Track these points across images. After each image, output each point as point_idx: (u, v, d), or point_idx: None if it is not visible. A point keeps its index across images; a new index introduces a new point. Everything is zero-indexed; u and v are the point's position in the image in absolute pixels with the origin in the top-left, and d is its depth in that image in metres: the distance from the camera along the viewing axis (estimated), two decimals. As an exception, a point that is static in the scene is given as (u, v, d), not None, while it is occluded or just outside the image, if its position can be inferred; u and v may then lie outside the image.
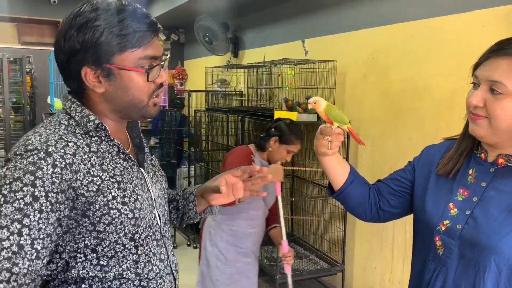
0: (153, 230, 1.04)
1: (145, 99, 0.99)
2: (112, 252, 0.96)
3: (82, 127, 0.96)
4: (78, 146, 0.92)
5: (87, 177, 0.90)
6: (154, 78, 0.98)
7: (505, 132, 0.95)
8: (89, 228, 0.92)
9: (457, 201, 1.04)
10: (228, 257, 2.28)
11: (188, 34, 6.38)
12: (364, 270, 3.04)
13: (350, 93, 3.16)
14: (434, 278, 1.03)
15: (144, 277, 1.01)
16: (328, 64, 3.19)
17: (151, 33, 0.96)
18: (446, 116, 2.41)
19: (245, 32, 4.72)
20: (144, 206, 1.00)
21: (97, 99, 0.99)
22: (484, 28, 2.18)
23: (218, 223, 2.31)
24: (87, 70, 0.94)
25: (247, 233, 2.32)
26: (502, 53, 0.93)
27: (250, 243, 2.34)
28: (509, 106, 0.92)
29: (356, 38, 3.07)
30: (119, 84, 0.96)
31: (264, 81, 4.10)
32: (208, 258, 2.30)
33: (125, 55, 0.94)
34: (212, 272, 2.27)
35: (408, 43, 2.65)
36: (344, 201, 1.22)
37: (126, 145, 1.06)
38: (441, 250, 1.03)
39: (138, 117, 1.04)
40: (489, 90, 0.94)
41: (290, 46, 3.85)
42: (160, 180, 1.14)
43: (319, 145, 1.13)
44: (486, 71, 0.95)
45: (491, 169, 1.01)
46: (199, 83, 5.27)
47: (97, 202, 0.91)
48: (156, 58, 0.98)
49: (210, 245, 2.30)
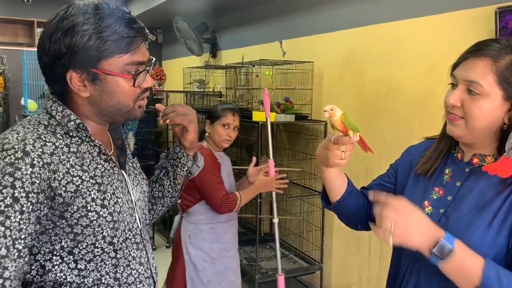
0: (133, 233, 1.04)
1: (130, 104, 0.99)
2: (90, 256, 0.95)
3: (63, 127, 0.95)
4: (57, 146, 0.92)
5: (66, 177, 0.90)
6: (140, 83, 0.98)
7: (480, 132, 0.97)
8: (66, 229, 0.91)
9: (432, 199, 1.06)
10: (212, 255, 2.27)
11: (166, 34, 6.33)
12: (342, 268, 3.07)
13: (326, 93, 3.20)
14: (408, 275, 1.05)
15: (123, 281, 1.01)
16: (305, 65, 3.22)
17: (139, 39, 0.96)
18: (419, 116, 2.46)
19: (223, 33, 4.72)
20: (124, 209, 1.00)
21: (81, 102, 0.98)
22: (455, 30, 2.24)
23: (196, 225, 2.30)
24: (73, 74, 0.93)
25: (226, 226, 2.32)
26: (479, 54, 0.95)
27: (231, 235, 2.34)
28: (485, 106, 0.94)
29: (332, 39, 3.11)
30: (104, 88, 0.95)
31: (243, 82, 4.10)
32: (193, 262, 2.27)
33: (112, 60, 0.93)
34: (201, 274, 2.25)
35: (382, 44, 2.70)
36: (342, 212, 1.19)
37: (108, 146, 1.06)
38: None
39: (123, 120, 1.04)
40: (466, 90, 0.96)
41: (268, 47, 3.87)
42: (141, 183, 1.14)
43: (332, 155, 1.03)
44: (463, 71, 0.97)
45: (466, 169, 1.03)
46: (178, 84, 5.24)
47: (75, 204, 0.90)
48: (142, 63, 0.98)
49: (193, 248, 2.28)
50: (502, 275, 0.85)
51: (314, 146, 3.23)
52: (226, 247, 2.32)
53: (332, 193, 1.16)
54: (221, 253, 2.30)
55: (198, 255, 2.26)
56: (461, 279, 0.87)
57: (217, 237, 2.30)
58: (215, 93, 4.70)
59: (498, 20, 1.94)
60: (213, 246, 2.28)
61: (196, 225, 2.30)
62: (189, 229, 2.31)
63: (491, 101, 0.94)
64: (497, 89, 0.94)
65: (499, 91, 0.94)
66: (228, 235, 2.33)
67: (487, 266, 0.86)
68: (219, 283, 2.27)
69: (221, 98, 4.59)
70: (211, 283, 2.25)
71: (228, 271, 2.31)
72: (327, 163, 1.06)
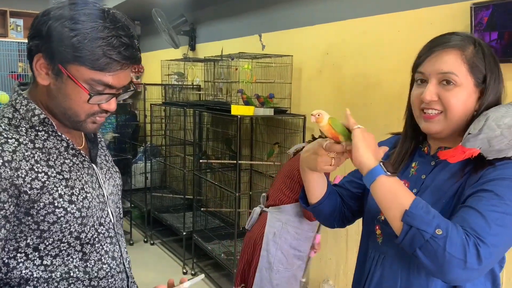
0: (105, 227, 1.02)
1: (81, 116, 0.94)
2: (56, 251, 0.93)
3: (27, 121, 0.92)
4: (20, 142, 0.89)
5: (30, 174, 0.87)
6: (98, 103, 0.94)
7: (458, 123, 0.99)
8: (32, 227, 0.89)
9: None
10: (288, 260, 2.23)
11: (144, 26, 6.23)
12: (320, 261, 3.10)
13: (305, 88, 3.20)
14: (374, 267, 1.07)
15: (94, 276, 0.99)
16: (284, 58, 3.21)
17: (121, 65, 0.91)
18: (397, 111, 2.48)
19: (202, 26, 4.67)
20: (94, 204, 0.97)
21: (43, 90, 0.95)
22: (432, 25, 2.26)
23: (284, 224, 2.23)
24: (41, 58, 0.91)
25: (307, 237, 2.28)
26: (445, 47, 0.98)
27: (307, 247, 2.30)
28: (461, 95, 0.97)
29: (311, 33, 3.11)
30: (62, 89, 0.92)
31: (222, 75, 4.07)
32: (271, 261, 2.20)
33: (81, 68, 0.89)
34: (273, 276, 2.20)
35: (360, 39, 2.71)
36: (320, 212, 1.18)
37: (79, 140, 1.03)
38: (380, 239, 1.07)
39: (71, 128, 0.98)
40: (439, 83, 0.98)
41: (247, 40, 3.85)
42: (114, 176, 1.11)
43: (321, 161, 1.02)
44: (434, 65, 0.98)
45: (432, 162, 1.04)
46: (156, 77, 5.17)
47: (41, 200, 0.88)
48: (113, 87, 0.93)
49: (275, 248, 2.21)
50: (430, 208, 0.88)
51: (293, 140, 3.24)
52: (300, 256, 2.27)
53: (312, 195, 1.15)
54: (294, 260, 2.25)
55: (277, 256, 2.21)
56: (394, 201, 0.88)
57: (297, 244, 2.25)
58: (193, 86, 4.66)
59: (473, 16, 1.96)
60: (290, 251, 2.23)
61: (284, 224, 2.23)
62: (276, 226, 2.24)
63: (466, 90, 0.97)
64: (469, 77, 0.97)
65: (471, 79, 0.98)
66: (306, 246, 2.29)
67: (419, 198, 0.89)
68: None
69: (200, 92, 4.56)
70: (279, 287, 2.21)
71: (294, 279, 2.27)
72: (314, 168, 1.05)
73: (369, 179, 0.92)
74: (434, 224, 0.84)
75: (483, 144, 0.92)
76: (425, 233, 0.83)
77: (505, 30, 1.87)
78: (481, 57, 0.98)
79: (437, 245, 0.82)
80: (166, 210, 4.50)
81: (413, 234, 0.85)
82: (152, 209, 4.40)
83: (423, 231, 0.84)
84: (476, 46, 0.99)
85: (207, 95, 4.35)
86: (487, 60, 0.98)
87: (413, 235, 0.85)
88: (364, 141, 0.93)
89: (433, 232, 0.83)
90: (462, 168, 0.98)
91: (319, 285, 3.10)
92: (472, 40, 1.00)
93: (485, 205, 0.87)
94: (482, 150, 0.93)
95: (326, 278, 3.05)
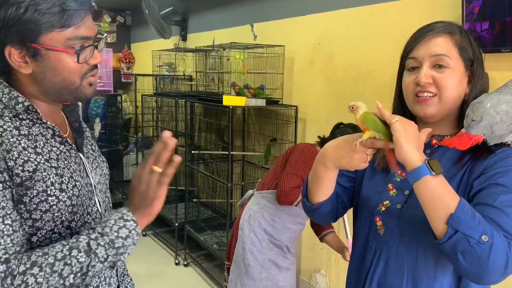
0: (92, 217, 1.01)
1: (76, 81, 0.93)
2: (47, 242, 0.92)
3: (11, 110, 0.90)
4: (5, 129, 0.87)
5: (21, 156, 0.86)
6: (87, 60, 0.93)
7: (451, 106, 1.01)
8: (25, 215, 0.87)
9: (396, 181, 1.07)
10: (263, 244, 2.23)
11: (135, 16, 6.16)
12: (312, 251, 3.12)
13: (297, 78, 3.19)
14: (376, 258, 1.06)
15: None
16: (276, 49, 3.20)
17: (82, 12, 0.90)
18: (389, 101, 2.46)
19: (194, 16, 4.62)
20: (82, 192, 0.96)
21: (25, 81, 0.92)
22: (424, 15, 2.26)
23: (261, 208, 2.25)
24: (11, 49, 0.88)
25: (286, 228, 2.26)
26: (435, 32, 1.01)
27: (286, 238, 2.28)
28: (453, 78, 0.99)
29: (303, 23, 3.09)
30: (47, 65, 0.90)
31: (213, 66, 4.05)
32: (244, 241, 2.25)
33: (53, 34, 0.88)
34: (246, 256, 2.23)
35: (352, 29, 2.70)
36: (318, 214, 1.14)
37: (63, 128, 1.01)
38: (382, 230, 1.06)
39: (72, 100, 0.98)
40: (433, 66, 1.00)
41: (239, 30, 3.82)
42: (101, 166, 1.10)
43: (358, 158, 0.96)
44: (427, 49, 1.00)
45: (427, 151, 1.04)
46: (147, 67, 5.13)
47: (35, 188, 0.87)
48: (89, 38, 0.92)
49: (248, 229, 2.24)
50: (475, 211, 0.86)
51: (285, 130, 3.23)
52: (278, 244, 2.26)
53: (321, 194, 1.10)
54: (269, 245, 2.25)
55: (250, 237, 2.23)
56: (438, 202, 0.86)
57: (272, 232, 2.24)
58: (185, 76, 4.63)
59: (464, 6, 1.96)
60: (265, 237, 2.24)
61: (260, 209, 2.26)
62: (252, 209, 2.28)
63: (457, 72, 1.00)
64: (460, 61, 1.00)
65: (461, 63, 1.00)
66: (284, 237, 2.26)
67: (463, 199, 0.87)
68: (259, 272, 2.23)
69: (191, 82, 4.53)
70: (250, 267, 2.22)
71: (271, 264, 2.26)
72: (346, 165, 0.99)
73: (414, 178, 0.88)
74: (480, 230, 0.83)
75: (486, 130, 0.93)
76: (471, 239, 0.82)
77: (496, 20, 1.87)
78: (468, 43, 1.01)
79: (482, 251, 0.82)
80: (158, 201, 4.48)
81: (457, 238, 0.83)
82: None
83: (469, 237, 0.82)
84: (463, 33, 1.02)
85: (198, 86, 4.32)
86: (473, 46, 1.02)
87: (457, 240, 0.83)
88: (406, 135, 0.87)
89: (479, 238, 0.82)
90: (461, 157, 0.98)
91: (311, 274, 3.13)
92: (458, 27, 1.03)
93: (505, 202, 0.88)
94: (485, 136, 0.94)
95: (318, 268, 3.07)
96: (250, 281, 2.23)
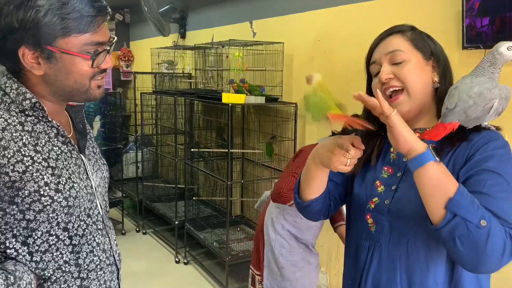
0: (93, 220, 1.01)
1: (86, 83, 0.95)
2: (45, 246, 0.91)
3: (18, 105, 0.90)
4: (9, 123, 0.87)
5: (16, 156, 0.86)
6: (99, 64, 0.94)
7: (421, 96, 1.01)
8: (18, 216, 0.87)
9: (383, 178, 1.07)
10: (291, 244, 2.23)
11: (134, 14, 6.14)
12: (312, 249, 3.11)
13: (297, 75, 3.18)
14: (370, 256, 1.06)
15: (84, 268, 0.98)
16: (275, 46, 3.19)
17: (100, 18, 0.91)
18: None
19: (192, 13, 4.61)
20: (81, 194, 0.96)
21: (36, 81, 0.93)
22: (423, 11, 2.25)
23: (282, 211, 2.24)
24: (25, 50, 0.88)
25: (309, 226, 2.24)
26: (389, 34, 1.07)
27: (310, 237, 2.28)
28: (413, 68, 1.01)
29: (302, 20, 3.08)
30: (60, 67, 0.91)
31: (213, 63, 4.04)
32: (272, 245, 2.24)
33: (70, 39, 0.88)
34: (277, 259, 2.22)
35: (351, 26, 2.69)
36: (309, 211, 1.15)
37: (67, 129, 1.01)
38: (373, 227, 1.06)
39: (82, 101, 1.00)
40: (391, 64, 1.03)
41: (238, 27, 3.81)
42: (102, 168, 1.10)
43: (336, 161, 0.96)
44: (382, 49, 1.06)
45: None
46: (146, 65, 5.11)
47: (26, 188, 0.86)
48: (102, 44, 0.93)
49: (274, 233, 2.24)
50: (473, 197, 0.87)
51: (284, 128, 3.23)
52: (303, 243, 2.26)
53: (312, 191, 1.11)
54: (297, 244, 2.24)
55: (278, 239, 2.22)
56: (440, 187, 0.86)
57: (297, 232, 2.23)
58: (184, 74, 4.62)
59: (464, 1, 1.95)
60: (291, 237, 2.24)
61: (281, 211, 2.24)
62: (273, 212, 2.27)
63: (416, 63, 1.02)
64: (415, 51, 1.03)
65: (418, 53, 1.03)
66: (309, 236, 2.25)
67: (461, 185, 0.87)
68: (293, 273, 2.22)
69: (190, 80, 4.52)
70: (284, 270, 2.21)
71: (304, 262, 2.25)
72: (327, 165, 1.00)
73: (418, 164, 0.87)
74: (479, 215, 0.83)
75: (460, 116, 0.93)
76: (469, 223, 0.82)
77: (496, 16, 1.86)
78: (421, 38, 1.06)
79: (480, 236, 0.82)
80: (158, 199, 4.49)
81: (456, 222, 0.83)
82: (144, 199, 4.38)
83: (467, 221, 0.82)
84: (415, 30, 1.07)
85: (197, 83, 4.31)
86: (429, 40, 1.06)
87: (456, 224, 0.83)
88: (406, 125, 0.89)
89: (478, 223, 0.82)
90: (441, 149, 0.98)
91: (312, 272, 3.13)
92: (410, 27, 1.08)
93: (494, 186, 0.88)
94: (461, 121, 0.94)
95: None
96: (287, 283, 2.22)
